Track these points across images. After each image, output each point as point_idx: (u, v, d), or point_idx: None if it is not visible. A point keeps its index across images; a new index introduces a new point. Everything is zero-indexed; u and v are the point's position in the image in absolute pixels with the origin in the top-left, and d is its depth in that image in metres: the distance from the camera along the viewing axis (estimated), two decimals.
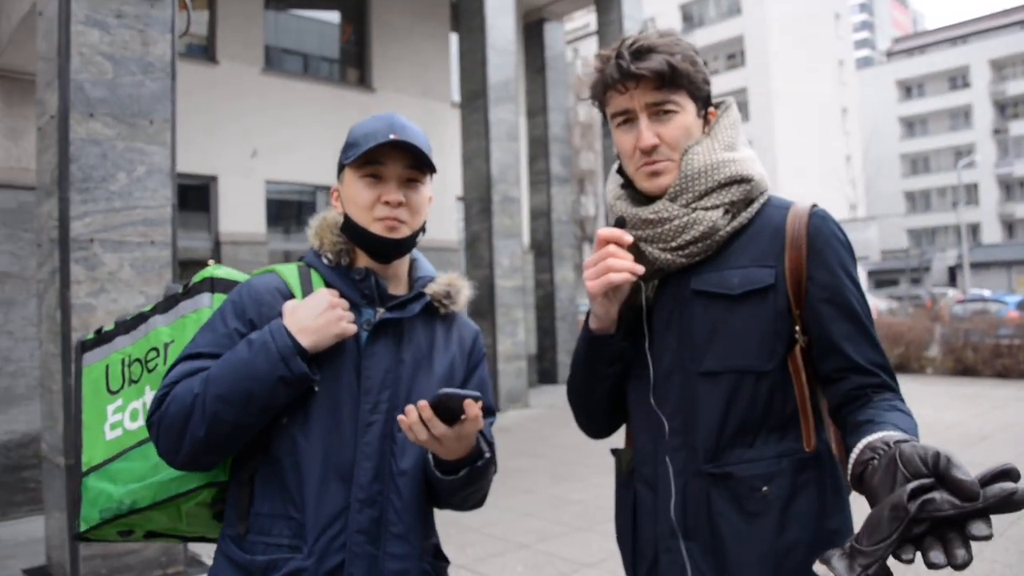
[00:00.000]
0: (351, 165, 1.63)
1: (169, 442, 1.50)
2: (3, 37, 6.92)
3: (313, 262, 1.69)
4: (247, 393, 1.47)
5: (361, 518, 1.54)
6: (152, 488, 1.61)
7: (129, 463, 1.65)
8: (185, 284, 1.77)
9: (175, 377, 1.53)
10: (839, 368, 1.49)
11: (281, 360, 1.48)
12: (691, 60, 1.57)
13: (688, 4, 48.17)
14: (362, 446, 1.56)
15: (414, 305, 1.67)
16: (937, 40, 71.25)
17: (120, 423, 1.70)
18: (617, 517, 1.71)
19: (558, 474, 7.26)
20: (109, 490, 1.64)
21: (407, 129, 1.63)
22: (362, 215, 1.62)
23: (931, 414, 10.00)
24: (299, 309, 1.55)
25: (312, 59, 12.78)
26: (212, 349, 1.56)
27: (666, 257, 1.54)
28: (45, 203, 4.88)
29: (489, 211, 11.17)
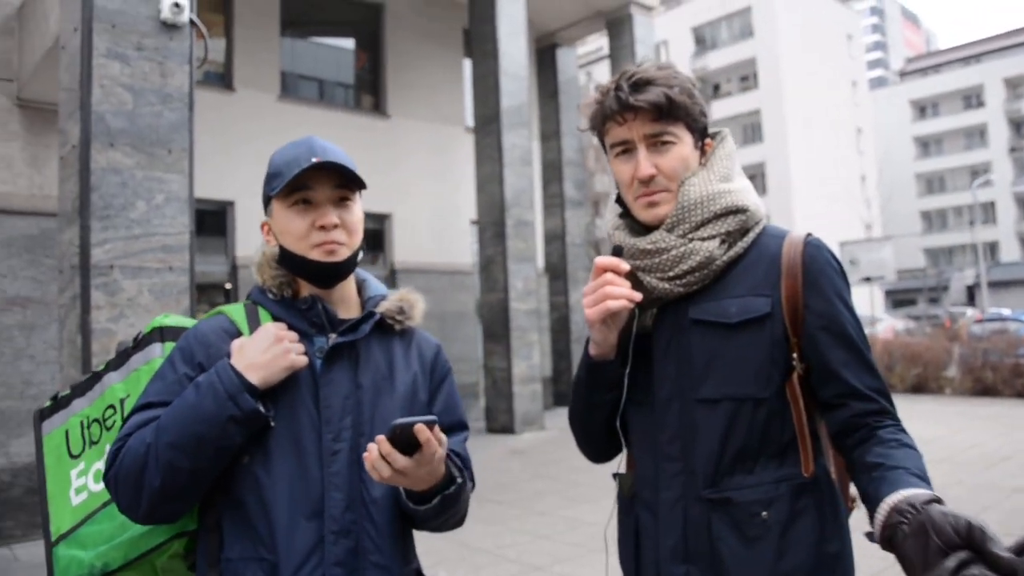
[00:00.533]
0: (278, 196, 1.60)
1: (127, 496, 1.47)
2: (27, 69, 7.08)
3: (259, 298, 1.67)
4: (198, 437, 1.43)
5: (337, 550, 1.50)
6: (122, 547, 1.57)
7: (97, 525, 1.60)
8: (135, 337, 1.74)
9: (128, 430, 1.50)
10: (838, 394, 1.53)
11: (229, 399, 1.45)
12: (688, 93, 1.60)
13: (700, 27, 48.35)
14: (330, 476, 1.52)
15: (364, 325, 1.63)
16: (950, 60, 71.16)
17: (84, 486, 1.66)
18: (620, 542, 1.74)
19: (573, 496, 7.26)
20: (80, 556, 1.59)
21: (328, 149, 1.61)
22: (298, 244, 1.59)
23: (949, 435, 9.91)
24: (246, 346, 1.52)
25: (327, 85, 12.94)
26: (163, 397, 1.52)
27: (664, 286, 1.58)
28: (67, 230, 4.98)
29: (503, 235, 11.23)
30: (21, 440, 6.96)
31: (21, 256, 7.19)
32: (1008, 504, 6.36)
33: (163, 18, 5.03)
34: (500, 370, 11.16)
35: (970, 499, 6.54)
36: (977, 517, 1.10)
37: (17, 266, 7.16)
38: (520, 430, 11.01)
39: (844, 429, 1.52)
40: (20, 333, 7.12)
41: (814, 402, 1.58)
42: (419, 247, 12.71)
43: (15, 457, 6.92)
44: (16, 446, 6.94)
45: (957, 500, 6.45)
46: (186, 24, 5.15)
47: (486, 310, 11.53)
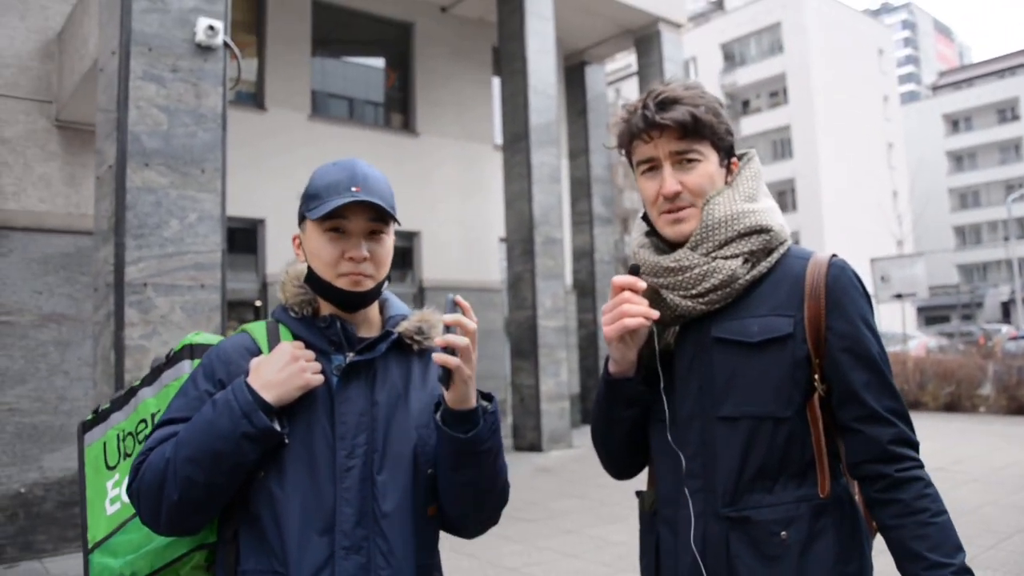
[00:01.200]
0: (313, 219, 1.62)
1: (148, 509, 1.52)
2: (66, 91, 7.24)
3: (281, 316, 1.70)
4: (214, 452, 1.47)
5: (348, 565, 1.52)
6: (148, 557, 1.62)
7: (127, 535, 1.66)
8: (168, 354, 1.80)
9: (150, 444, 1.55)
10: (857, 417, 1.53)
11: (243, 417, 1.48)
12: (714, 112, 1.61)
13: (729, 43, 48.24)
14: (342, 492, 1.54)
15: (381, 345, 1.65)
16: (984, 73, 70.29)
17: (118, 497, 1.72)
18: (641, 558, 1.76)
19: (601, 515, 7.23)
20: (111, 565, 1.65)
21: (369, 180, 1.62)
22: (326, 270, 1.61)
23: (983, 454, 9.75)
24: (262, 365, 1.56)
25: (357, 104, 13.07)
26: (184, 413, 1.57)
27: (687, 304, 1.59)
28: (102, 248, 5.07)
29: (532, 252, 11.25)
30: (55, 455, 7.07)
31: (58, 273, 7.33)
32: None
33: (198, 40, 5.13)
34: (528, 387, 11.15)
35: (1003, 519, 6.42)
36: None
37: (53, 283, 7.30)
38: (548, 448, 10.98)
39: (866, 474, 1.54)
40: (55, 349, 7.24)
41: (835, 423, 1.58)
42: (448, 264, 12.77)
43: (48, 472, 7.03)
44: (49, 460, 7.05)
45: (989, 520, 6.35)
46: (220, 46, 5.25)
47: (514, 327, 11.54)
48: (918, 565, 1.45)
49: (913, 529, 1.47)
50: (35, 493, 6.95)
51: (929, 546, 1.44)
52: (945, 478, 7.97)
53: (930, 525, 1.46)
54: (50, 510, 6.96)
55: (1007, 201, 42.76)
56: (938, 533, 1.46)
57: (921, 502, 1.48)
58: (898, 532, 1.49)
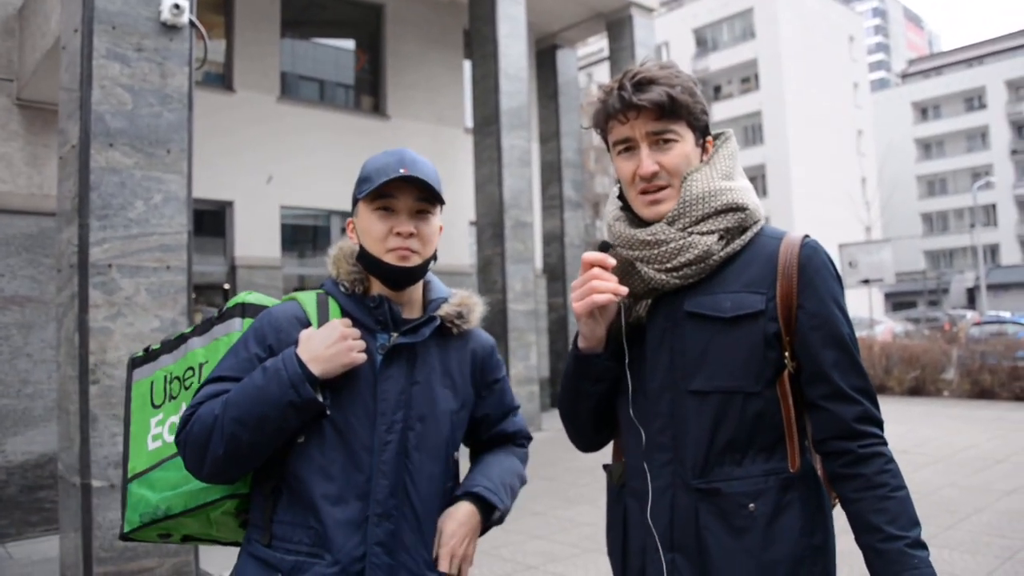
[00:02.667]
0: (364, 199, 1.73)
1: (193, 458, 1.63)
2: (27, 69, 7.11)
3: (331, 290, 1.80)
4: (261, 416, 1.58)
5: (379, 531, 1.64)
6: (183, 496, 1.74)
7: (165, 472, 1.78)
8: (219, 309, 1.90)
9: (200, 399, 1.66)
10: (824, 395, 1.56)
11: (291, 387, 1.58)
12: (690, 91, 1.63)
13: (701, 28, 48.33)
14: (379, 464, 1.66)
15: (425, 329, 1.76)
16: (953, 61, 71.10)
17: (160, 435, 1.83)
18: (608, 530, 1.78)
19: (569, 497, 7.29)
20: (148, 496, 1.77)
21: (417, 163, 1.73)
22: (376, 246, 1.72)
23: (945, 437, 9.95)
24: (313, 338, 1.65)
25: (327, 86, 12.97)
26: (234, 373, 1.68)
27: (660, 278, 1.61)
28: (65, 229, 5.01)
29: (502, 236, 11.25)
30: (17, 439, 6.99)
31: (20, 255, 7.22)
32: (1000, 506, 6.39)
33: (163, 19, 5.05)
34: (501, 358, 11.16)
35: (962, 500, 6.57)
36: None
37: (15, 265, 7.19)
38: None
39: (830, 450, 1.57)
40: (18, 332, 7.14)
41: (803, 400, 1.62)
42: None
43: (11, 456, 6.95)
44: (12, 444, 6.96)
45: (949, 501, 6.49)
46: (186, 25, 5.17)
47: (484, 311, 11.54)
48: (875, 537, 1.49)
49: (872, 503, 1.50)
50: None
51: (887, 519, 1.48)
52: (907, 460, 8.11)
53: (889, 499, 1.50)
54: (13, 494, 6.89)
55: (973, 189, 43.39)
56: (896, 507, 1.50)
57: (881, 477, 1.52)
58: (858, 505, 1.52)
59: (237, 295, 1.90)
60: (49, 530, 6.73)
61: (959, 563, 5.05)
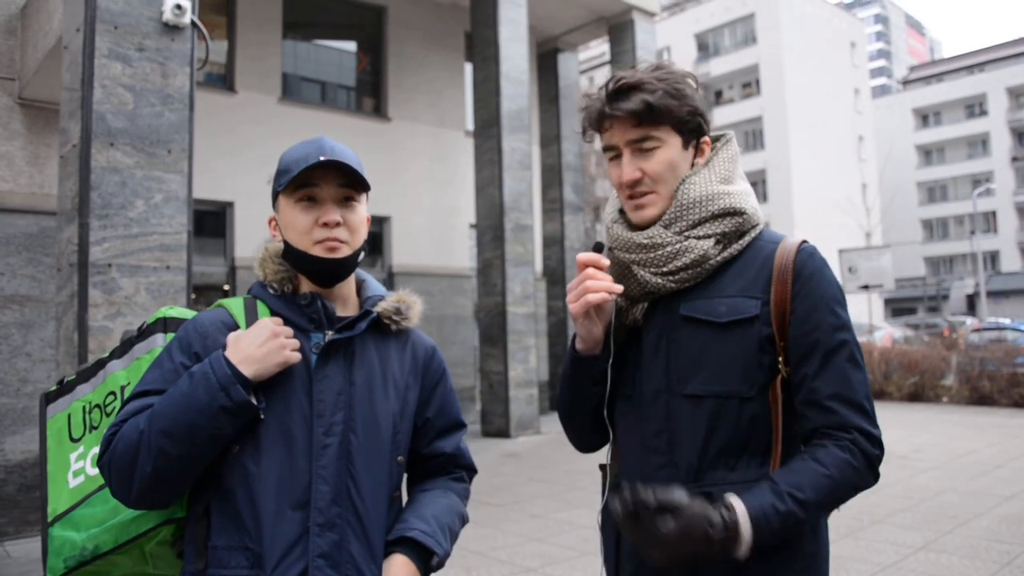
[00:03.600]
0: (285, 191, 1.64)
1: (120, 482, 1.50)
2: (30, 69, 7.12)
3: (259, 293, 1.70)
4: (190, 425, 1.46)
5: (321, 542, 1.53)
6: (112, 531, 1.60)
7: (91, 508, 1.65)
8: (139, 327, 1.78)
9: (123, 416, 1.53)
10: (804, 401, 1.54)
11: (221, 390, 1.47)
12: (675, 94, 1.60)
13: (703, 33, 48.40)
14: (318, 470, 1.55)
15: (361, 324, 1.66)
16: (954, 68, 71.23)
17: (82, 470, 1.70)
18: (602, 530, 1.77)
19: (567, 500, 7.28)
20: (72, 538, 1.63)
21: (337, 150, 1.63)
22: (301, 240, 1.63)
23: (944, 443, 9.94)
24: (241, 339, 1.55)
25: (329, 88, 12.98)
26: (158, 385, 1.55)
27: (657, 281, 1.60)
28: (66, 228, 5.01)
29: (502, 239, 11.26)
30: (16, 437, 6.99)
31: (20, 254, 7.23)
32: (1000, 511, 6.38)
33: (165, 19, 5.06)
34: (496, 374, 11.18)
35: (961, 505, 6.56)
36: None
37: (16, 264, 7.19)
38: (515, 434, 11.04)
39: (811, 431, 1.55)
40: (17, 331, 7.15)
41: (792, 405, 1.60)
42: (418, 250, 12.75)
43: (9, 454, 6.95)
44: (11, 443, 6.97)
45: (949, 507, 6.48)
46: (188, 26, 5.19)
47: (483, 314, 11.56)
48: (767, 485, 1.46)
49: (797, 463, 1.49)
50: None
51: (789, 477, 1.46)
52: (906, 466, 8.12)
53: (810, 469, 1.47)
54: (11, 493, 6.88)
55: (973, 195, 43.40)
56: (809, 475, 1.46)
57: (831, 456, 1.48)
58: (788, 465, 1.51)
59: (158, 311, 1.78)
60: None
61: (958, 568, 5.05)
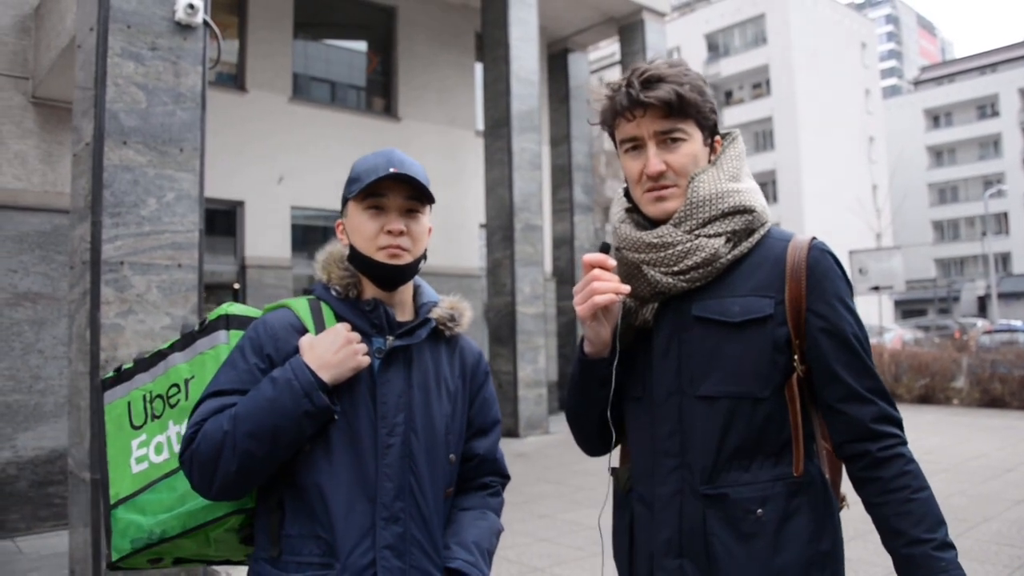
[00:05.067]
0: (354, 199, 1.72)
1: (203, 477, 1.58)
2: (43, 68, 7.16)
3: (323, 295, 1.77)
4: (274, 428, 1.55)
5: (387, 534, 1.62)
6: (181, 518, 1.70)
7: (157, 495, 1.73)
8: (201, 322, 1.84)
9: (203, 415, 1.61)
10: (840, 397, 1.54)
11: (304, 396, 1.56)
12: (699, 90, 1.61)
13: (713, 33, 48.29)
14: (383, 468, 1.65)
15: (421, 331, 1.75)
16: (965, 69, 70.82)
17: (146, 457, 1.77)
18: (614, 535, 1.76)
19: (576, 500, 7.28)
20: (139, 521, 1.72)
21: (406, 163, 1.72)
22: (366, 245, 1.71)
23: (954, 445, 9.90)
24: (317, 345, 1.63)
25: (339, 87, 13.01)
26: (235, 386, 1.64)
27: (667, 281, 1.59)
28: (78, 227, 5.04)
29: (511, 239, 11.26)
30: (28, 434, 7.03)
31: (33, 252, 7.27)
32: (1010, 515, 6.36)
33: (177, 19, 5.08)
34: (505, 374, 11.19)
35: (972, 509, 6.53)
36: None
37: (29, 262, 7.24)
38: (524, 434, 11.04)
39: (849, 453, 1.56)
40: (30, 328, 7.19)
41: (812, 403, 1.60)
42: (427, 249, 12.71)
43: (21, 451, 6.98)
44: (23, 440, 7.00)
45: (958, 509, 6.45)
46: (200, 25, 5.20)
47: (493, 314, 11.57)
48: (899, 541, 1.48)
49: (895, 506, 1.49)
50: (8, 472, 6.91)
51: (911, 523, 1.47)
52: None
53: (911, 501, 1.48)
54: (23, 489, 6.92)
55: (985, 197, 43.18)
56: (919, 509, 1.48)
57: (903, 479, 1.50)
58: (881, 509, 1.51)
59: (220, 307, 1.85)
60: (59, 525, 6.76)
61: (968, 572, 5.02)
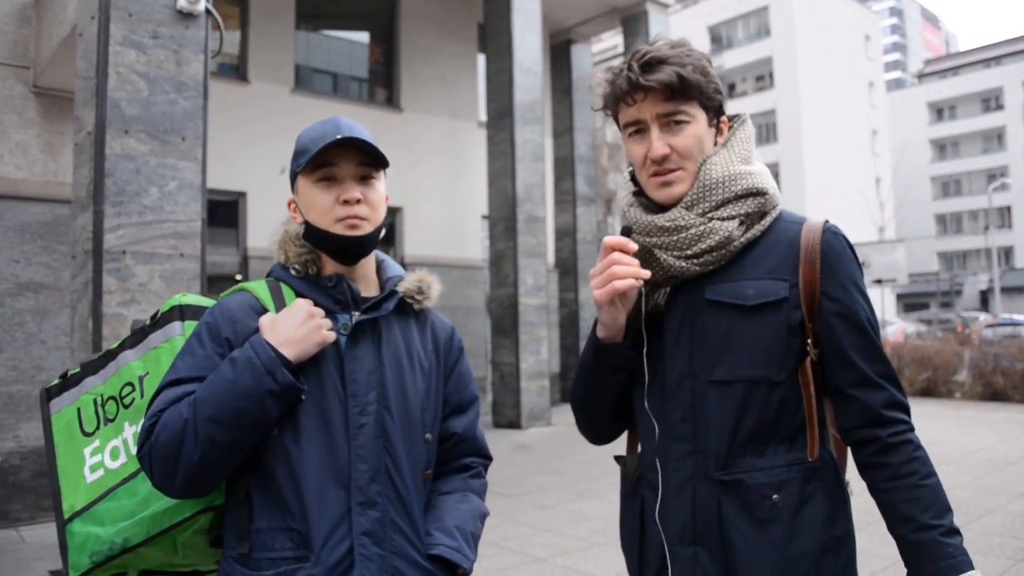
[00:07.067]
0: (304, 172, 1.64)
1: (164, 471, 1.48)
2: (44, 57, 7.14)
3: (281, 275, 1.69)
4: (237, 411, 1.46)
5: (364, 520, 1.54)
6: (144, 523, 1.58)
7: (116, 502, 1.62)
8: (152, 316, 1.74)
9: (160, 405, 1.52)
10: (851, 382, 1.53)
11: (267, 374, 1.48)
12: (702, 71, 1.57)
13: (716, 25, 48.14)
14: (356, 449, 1.56)
15: (387, 304, 1.67)
16: (970, 62, 70.54)
17: (100, 464, 1.67)
18: (622, 523, 1.73)
19: (578, 491, 7.28)
20: (97, 532, 1.61)
21: (354, 128, 1.63)
22: (322, 219, 1.62)
23: (956, 438, 9.89)
24: (278, 322, 1.55)
25: (341, 79, 12.98)
26: (193, 373, 1.54)
27: (680, 265, 1.56)
28: (80, 216, 5.03)
29: (514, 230, 11.25)
30: (31, 424, 7.04)
31: (35, 242, 7.26)
32: (1012, 508, 6.35)
33: (179, 7, 5.07)
34: (508, 365, 11.19)
35: (974, 502, 6.53)
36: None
37: (31, 252, 7.23)
38: (526, 425, 11.04)
39: (858, 439, 1.55)
40: (32, 318, 7.19)
41: (823, 388, 1.58)
42: (430, 241, 12.74)
43: (24, 441, 6.99)
44: (26, 430, 7.01)
45: (960, 502, 6.45)
46: (202, 14, 5.19)
47: (495, 305, 11.56)
48: (907, 526, 1.47)
49: (903, 492, 1.48)
50: (11, 462, 6.92)
51: (918, 508, 1.46)
52: None
53: (920, 488, 1.48)
54: (26, 479, 6.93)
55: (988, 190, 43.09)
56: (927, 495, 1.47)
57: (911, 465, 1.49)
58: (889, 495, 1.50)
59: (171, 298, 1.75)
60: None
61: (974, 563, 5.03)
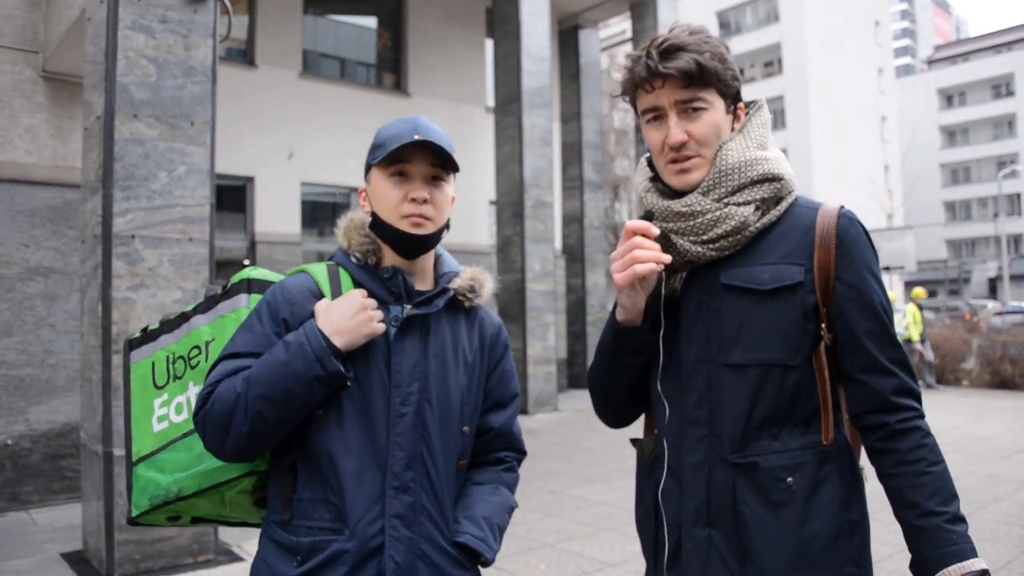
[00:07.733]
0: (378, 165, 1.71)
1: (215, 437, 1.60)
2: (53, 41, 7.14)
3: (342, 261, 1.76)
4: (286, 392, 1.56)
5: (396, 504, 1.62)
6: (197, 477, 1.72)
7: (175, 453, 1.76)
8: (224, 285, 1.85)
9: (217, 376, 1.62)
10: (862, 367, 1.54)
11: (316, 361, 1.56)
12: (720, 57, 1.58)
13: (725, 11, 47.87)
14: (394, 436, 1.64)
15: (439, 300, 1.73)
16: (980, 48, 70.02)
17: (166, 416, 1.80)
18: (638, 505, 1.75)
19: (584, 476, 7.30)
20: (157, 479, 1.76)
21: (431, 130, 1.69)
22: (389, 213, 1.69)
23: (964, 426, 9.89)
24: (332, 310, 1.62)
25: (349, 64, 12.95)
26: (250, 348, 1.64)
27: (696, 250, 1.57)
28: (89, 200, 5.04)
29: (521, 215, 11.24)
30: (40, 408, 7.08)
31: (44, 227, 7.28)
32: (1019, 496, 6.35)
33: None
34: (515, 351, 11.17)
35: (982, 489, 6.53)
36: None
37: (40, 236, 7.25)
38: (533, 411, 11.07)
39: (867, 423, 1.55)
40: (42, 303, 7.21)
41: (838, 373, 1.59)
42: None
43: (35, 424, 7.04)
44: (36, 413, 7.05)
45: (967, 490, 6.44)
46: None
47: (502, 290, 11.56)
48: (912, 512, 1.48)
49: (910, 478, 1.49)
50: (22, 445, 6.96)
51: (924, 494, 1.47)
52: None
53: (927, 474, 1.48)
54: (37, 462, 6.98)
55: (998, 177, 42.86)
56: (934, 482, 1.48)
57: (919, 452, 1.50)
58: (896, 480, 1.51)
59: (242, 271, 1.85)
60: (72, 498, 6.83)
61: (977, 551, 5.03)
